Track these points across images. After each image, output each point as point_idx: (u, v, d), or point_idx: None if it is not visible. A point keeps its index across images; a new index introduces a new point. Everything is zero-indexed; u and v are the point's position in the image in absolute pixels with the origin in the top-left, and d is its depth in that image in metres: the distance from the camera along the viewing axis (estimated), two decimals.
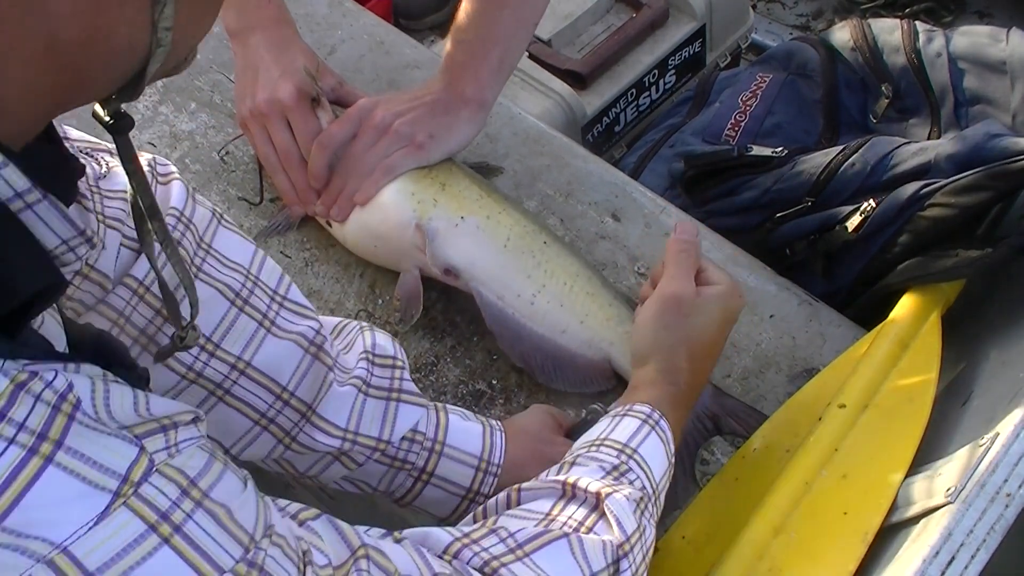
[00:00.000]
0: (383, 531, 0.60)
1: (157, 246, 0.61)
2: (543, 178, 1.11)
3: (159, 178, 0.74)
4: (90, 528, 0.41)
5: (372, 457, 0.80)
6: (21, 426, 0.40)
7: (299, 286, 1.03)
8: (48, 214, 0.45)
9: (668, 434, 0.75)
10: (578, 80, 1.39)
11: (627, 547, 0.64)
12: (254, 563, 0.46)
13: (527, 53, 1.37)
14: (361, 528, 0.59)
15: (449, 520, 0.83)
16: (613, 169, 1.13)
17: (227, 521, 0.46)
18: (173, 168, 0.75)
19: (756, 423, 0.91)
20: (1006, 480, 0.69)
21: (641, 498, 0.68)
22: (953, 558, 0.66)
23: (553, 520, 0.65)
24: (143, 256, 0.69)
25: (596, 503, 0.66)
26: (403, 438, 0.80)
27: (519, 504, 0.68)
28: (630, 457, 0.71)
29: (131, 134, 0.58)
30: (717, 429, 0.92)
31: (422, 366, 0.98)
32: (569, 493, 0.67)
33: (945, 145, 1.05)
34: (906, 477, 0.80)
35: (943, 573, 0.66)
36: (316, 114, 1.02)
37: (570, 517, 0.65)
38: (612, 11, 1.47)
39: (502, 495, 0.68)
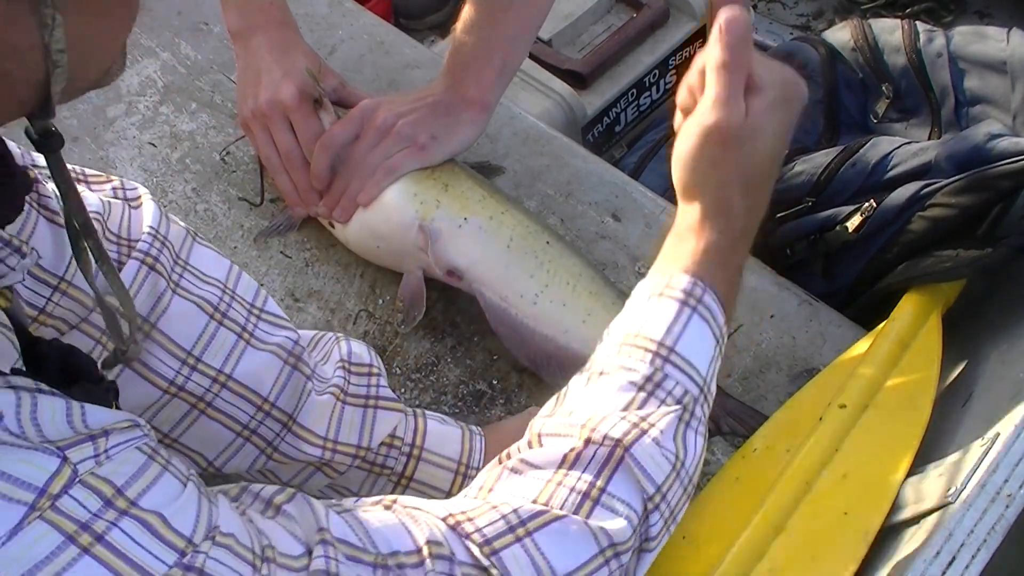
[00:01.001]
0: (376, 498, 0.59)
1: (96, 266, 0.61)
2: (543, 178, 1.11)
3: (129, 203, 0.74)
4: (3, 543, 0.41)
5: (353, 464, 0.80)
6: None
7: (299, 286, 1.03)
8: None
9: (714, 308, 0.66)
10: (578, 80, 1.39)
11: (657, 498, 0.60)
12: (191, 567, 0.46)
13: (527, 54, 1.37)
14: (349, 500, 0.59)
15: None
16: (613, 169, 1.14)
17: (159, 527, 0.46)
18: (141, 191, 0.76)
19: (756, 423, 0.92)
20: (1007, 480, 0.69)
21: (682, 413, 0.62)
22: (954, 558, 0.66)
23: (564, 478, 0.59)
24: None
25: (619, 455, 0.60)
26: (382, 444, 0.80)
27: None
28: (666, 360, 0.63)
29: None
30: (717, 429, 0.92)
31: (422, 366, 0.98)
32: (584, 441, 0.60)
33: (945, 145, 1.05)
34: (906, 477, 0.80)
35: (944, 573, 0.66)
36: (318, 115, 1.02)
37: (581, 475, 0.59)
38: (612, 11, 1.47)
39: (524, 445, 0.63)
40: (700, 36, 1.49)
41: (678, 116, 0.73)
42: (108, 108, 1.17)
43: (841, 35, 1.31)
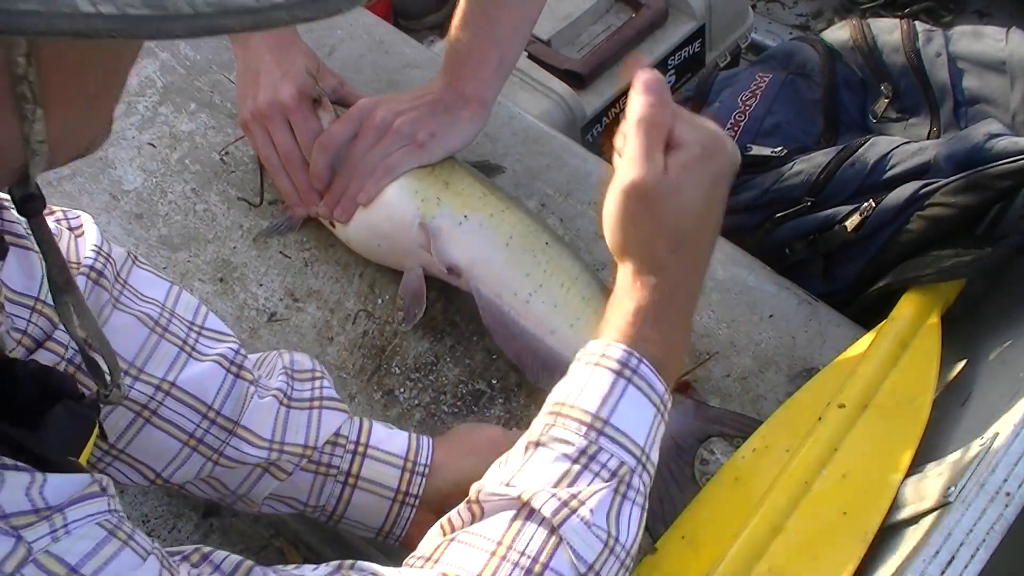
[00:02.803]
0: (333, 565, 0.60)
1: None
2: (543, 178, 1.11)
3: (73, 231, 0.76)
4: None
5: (299, 465, 0.80)
6: None
7: (299, 286, 1.03)
8: None
9: (650, 377, 0.66)
10: (578, 80, 1.39)
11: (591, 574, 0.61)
12: None
13: (527, 53, 1.37)
14: (306, 568, 0.59)
15: (384, 529, 0.83)
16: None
17: None
18: (84, 219, 0.77)
19: (746, 424, 0.91)
20: (1006, 480, 0.69)
21: (618, 485, 0.62)
22: (953, 558, 0.67)
23: (507, 553, 0.60)
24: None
25: (554, 535, 0.61)
26: (327, 442, 0.81)
27: (482, 517, 0.64)
28: (600, 433, 0.63)
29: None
30: (701, 441, 0.92)
31: (422, 366, 0.98)
32: (525, 513, 0.61)
33: (944, 145, 1.05)
34: (906, 477, 0.80)
35: (943, 573, 0.66)
36: (317, 115, 1.02)
37: (523, 551, 0.60)
38: (612, 11, 1.47)
39: (464, 508, 0.65)
40: (699, 36, 1.49)
41: (616, 159, 0.74)
42: None
43: (840, 35, 1.31)
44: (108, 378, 0.62)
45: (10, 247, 0.67)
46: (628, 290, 0.70)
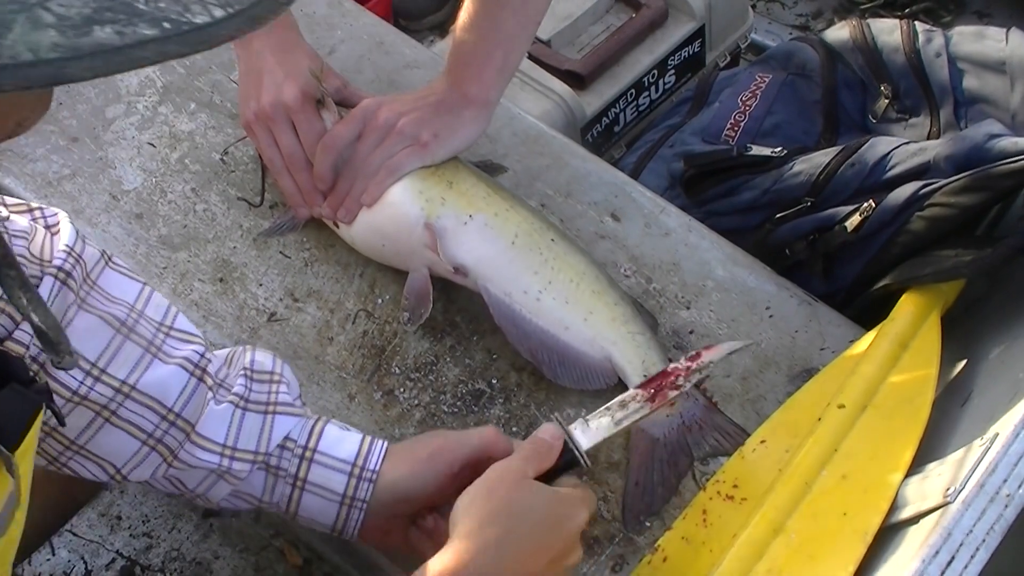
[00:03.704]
0: None
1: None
2: (543, 178, 1.11)
3: (49, 228, 0.76)
4: None
5: (253, 469, 0.81)
6: None
7: (298, 286, 1.03)
8: None
9: None
10: (577, 80, 1.39)
11: None
12: None
13: (527, 53, 1.37)
14: None
15: (336, 528, 0.83)
16: (613, 169, 1.14)
17: None
18: (61, 216, 0.78)
19: (740, 444, 0.91)
20: (1005, 480, 0.69)
21: None
22: (953, 558, 0.67)
23: None
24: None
25: None
26: (277, 445, 0.81)
27: None
28: None
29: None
30: (700, 446, 0.92)
31: (421, 366, 0.98)
32: None
33: (944, 145, 1.05)
34: (906, 477, 0.80)
35: (943, 573, 0.66)
36: (321, 116, 1.02)
37: None
38: (611, 11, 1.47)
39: None
40: (699, 36, 1.49)
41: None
42: (107, 108, 1.17)
43: (840, 35, 1.31)
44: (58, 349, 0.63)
45: None
46: (447, 551, 0.71)
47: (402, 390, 0.97)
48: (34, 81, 0.33)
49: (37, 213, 0.77)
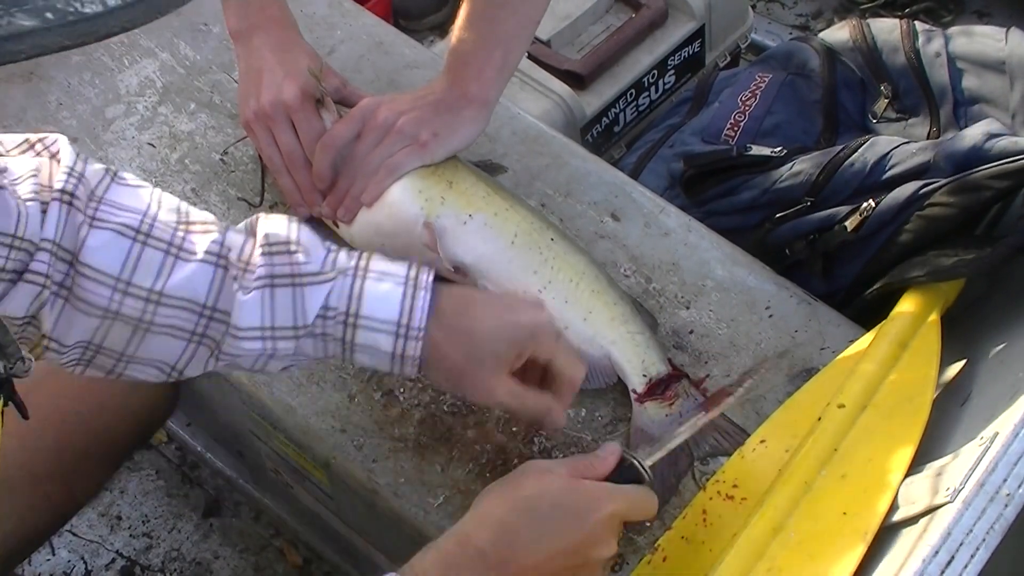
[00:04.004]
0: None
1: None
2: (542, 178, 1.11)
3: (53, 156, 0.76)
4: None
5: (299, 341, 0.80)
6: None
7: None
8: None
9: None
10: (577, 80, 1.39)
11: None
12: None
13: (527, 53, 1.37)
14: None
15: (393, 372, 0.83)
16: (612, 169, 1.14)
17: None
18: (60, 141, 0.77)
19: (739, 444, 0.91)
20: (1005, 479, 0.69)
21: None
22: (953, 557, 0.67)
23: None
24: None
25: None
26: (317, 316, 0.80)
27: None
28: None
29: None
30: (699, 447, 0.92)
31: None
32: None
33: (944, 145, 1.05)
34: (905, 477, 0.80)
35: (943, 572, 0.66)
36: (320, 115, 1.02)
37: None
38: (611, 11, 1.47)
39: None
40: (699, 36, 1.49)
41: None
42: (107, 109, 1.17)
43: (840, 35, 1.31)
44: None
45: None
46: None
47: (402, 390, 0.97)
48: None
49: (39, 146, 0.77)
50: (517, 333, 0.81)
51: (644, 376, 0.93)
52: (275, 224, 0.81)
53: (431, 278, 0.81)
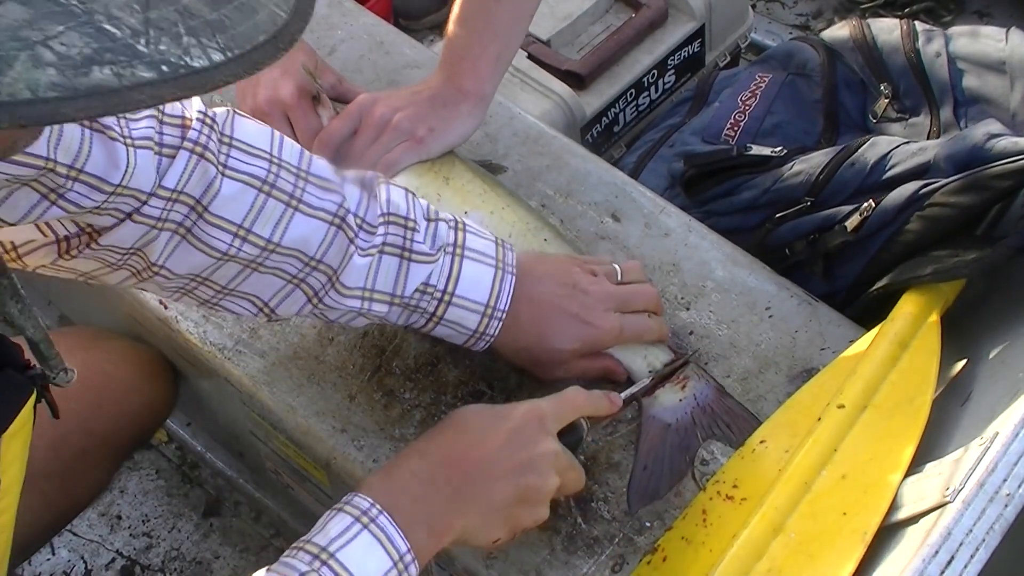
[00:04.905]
0: None
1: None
2: (543, 178, 1.11)
3: (169, 118, 0.77)
4: None
5: (391, 308, 0.86)
6: None
7: None
8: None
9: (390, 530, 0.71)
10: (577, 80, 1.39)
11: None
12: None
13: (526, 53, 1.37)
14: None
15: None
16: (613, 169, 1.14)
17: None
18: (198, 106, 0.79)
19: (750, 430, 0.91)
20: (1005, 480, 0.69)
21: None
22: (952, 558, 0.67)
23: None
24: None
25: None
26: (415, 291, 0.85)
27: None
28: (324, 563, 0.68)
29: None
30: (710, 430, 0.92)
31: (422, 366, 0.98)
32: None
33: (944, 145, 1.05)
34: (905, 477, 0.80)
35: (942, 572, 0.66)
36: (317, 112, 1.02)
37: None
38: (611, 11, 1.46)
39: None
40: (699, 36, 1.49)
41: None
42: None
43: (840, 35, 1.31)
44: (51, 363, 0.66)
45: (94, 133, 0.70)
46: (392, 464, 0.78)
47: (402, 390, 0.97)
48: (29, 120, 0.33)
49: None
50: (586, 333, 0.90)
51: (650, 373, 0.93)
52: (395, 194, 0.86)
53: (515, 259, 0.88)
